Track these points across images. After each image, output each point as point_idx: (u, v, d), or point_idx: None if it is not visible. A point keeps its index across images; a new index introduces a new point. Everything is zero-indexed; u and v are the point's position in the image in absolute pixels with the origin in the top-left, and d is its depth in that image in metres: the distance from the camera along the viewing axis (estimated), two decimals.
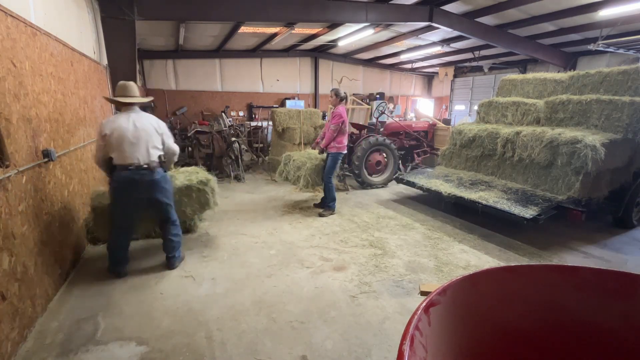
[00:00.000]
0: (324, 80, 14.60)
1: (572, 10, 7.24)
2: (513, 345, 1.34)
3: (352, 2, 7.06)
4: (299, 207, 5.45)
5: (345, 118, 4.78)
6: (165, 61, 11.94)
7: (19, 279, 2.31)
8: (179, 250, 3.42)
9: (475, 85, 14.91)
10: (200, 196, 3.79)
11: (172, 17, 6.50)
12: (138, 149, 2.94)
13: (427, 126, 8.25)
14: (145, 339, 2.38)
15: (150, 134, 3.00)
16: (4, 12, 2.38)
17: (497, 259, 3.67)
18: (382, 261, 3.57)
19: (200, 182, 3.78)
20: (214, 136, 6.96)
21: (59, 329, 2.49)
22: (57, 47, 3.42)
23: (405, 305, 2.80)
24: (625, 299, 1.31)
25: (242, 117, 13.28)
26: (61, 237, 3.12)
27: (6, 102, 2.32)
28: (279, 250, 3.85)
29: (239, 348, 2.31)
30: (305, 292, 3.00)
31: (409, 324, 0.98)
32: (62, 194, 3.23)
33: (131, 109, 3.04)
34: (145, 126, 2.98)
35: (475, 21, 8.34)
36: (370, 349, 2.30)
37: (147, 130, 2.98)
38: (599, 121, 4.33)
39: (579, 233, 4.42)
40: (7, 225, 2.21)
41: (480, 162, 5.36)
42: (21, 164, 2.46)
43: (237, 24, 8.69)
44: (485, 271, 1.35)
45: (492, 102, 5.69)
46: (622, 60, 9.74)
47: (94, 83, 4.68)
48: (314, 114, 8.25)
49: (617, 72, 4.58)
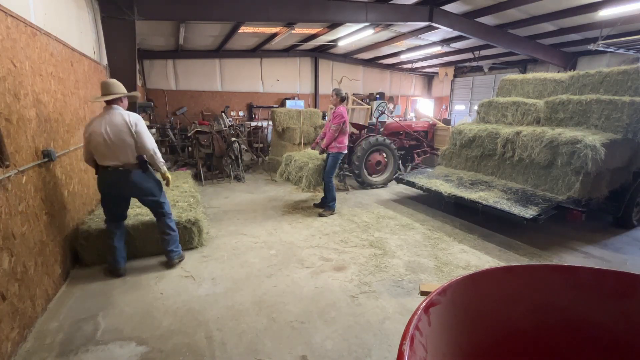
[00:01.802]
0: (324, 80, 14.60)
1: (572, 10, 7.24)
2: (513, 345, 1.34)
3: (352, 2, 7.06)
4: (299, 207, 5.45)
5: (346, 118, 4.79)
6: (165, 61, 11.94)
7: (19, 279, 2.31)
8: (175, 245, 3.42)
9: (475, 85, 14.92)
10: (186, 234, 3.73)
11: (172, 17, 6.50)
12: (112, 151, 2.92)
13: (427, 126, 8.25)
14: (145, 339, 2.38)
15: (123, 134, 2.92)
16: (4, 12, 2.38)
17: (497, 259, 3.67)
18: (382, 261, 3.57)
19: (188, 220, 3.71)
20: (214, 136, 6.95)
21: (59, 329, 2.49)
22: (57, 47, 3.42)
23: (405, 305, 2.79)
24: (625, 299, 1.31)
25: (242, 117, 13.28)
26: (61, 237, 3.12)
27: (6, 102, 2.32)
28: (279, 250, 3.85)
29: (239, 348, 2.31)
30: (305, 292, 3.00)
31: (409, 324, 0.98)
32: (62, 194, 3.23)
33: (111, 107, 2.98)
34: (117, 127, 2.90)
35: (475, 21, 8.35)
36: (370, 349, 2.30)
37: (120, 131, 2.91)
38: (599, 121, 4.33)
39: (579, 233, 4.42)
40: (7, 225, 2.22)
41: (480, 162, 5.36)
42: (21, 164, 2.47)
43: (237, 24, 8.69)
44: (485, 271, 1.35)
45: (492, 102, 5.69)
46: (622, 60, 9.74)
47: (94, 83, 4.68)
48: (314, 114, 8.25)
49: (617, 72, 4.58)
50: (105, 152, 2.93)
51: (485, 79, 14.32)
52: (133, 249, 3.50)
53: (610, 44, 8.41)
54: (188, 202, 4.17)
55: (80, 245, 3.33)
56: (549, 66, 10.98)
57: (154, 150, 3.06)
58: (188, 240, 3.77)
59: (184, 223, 3.69)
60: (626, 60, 9.68)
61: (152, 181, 3.20)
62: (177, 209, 3.95)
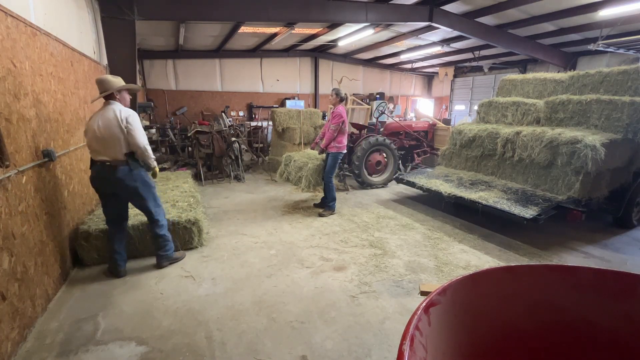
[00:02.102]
0: (324, 80, 14.60)
1: (572, 10, 7.24)
2: (513, 345, 1.34)
3: (352, 2, 7.06)
4: (299, 207, 5.45)
5: (345, 118, 4.79)
6: (165, 61, 11.94)
7: (19, 279, 2.31)
8: (165, 250, 3.37)
9: (475, 85, 14.92)
10: (186, 234, 3.74)
11: (172, 17, 6.50)
12: (102, 146, 2.93)
13: (427, 126, 8.25)
14: (145, 339, 2.38)
15: (113, 129, 2.90)
16: (4, 12, 2.38)
17: (497, 259, 3.67)
18: (382, 261, 3.57)
19: (188, 220, 3.71)
20: (214, 136, 6.96)
21: (59, 329, 2.49)
22: (57, 47, 3.42)
23: (405, 305, 2.79)
24: (625, 299, 1.31)
25: (242, 117, 13.29)
26: (61, 237, 3.12)
27: (6, 102, 2.32)
28: (279, 250, 3.85)
29: (239, 348, 2.31)
30: (305, 292, 3.00)
31: (409, 324, 0.98)
32: (62, 194, 3.23)
33: (108, 103, 2.98)
34: (108, 121, 2.90)
35: (475, 21, 8.35)
36: (370, 349, 2.30)
37: (110, 125, 2.89)
38: (599, 121, 4.33)
39: (579, 233, 4.42)
40: (7, 225, 2.22)
41: (480, 162, 5.36)
42: (21, 164, 2.46)
43: (237, 24, 8.69)
44: (485, 271, 1.35)
45: (492, 102, 5.69)
46: (622, 60, 9.74)
47: (94, 83, 4.65)
48: (314, 114, 8.25)
49: (617, 72, 4.58)
50: (96, 147, 2.95)
51: (485, 79, 14.32)
52: (133, 249, 3.51)
53: (610, 44, 8.41)
54: (188, 202, 4.17)
55: (80, 245, 3.34)
56: (549, 66, 10.99)
57: (145, 146, 3.00)
58: (188, 240, 3.77)
59: (184, 223, 3.68)
60: (626, 60, 9.68)
61: (139, 183, 3.08)
62: (177, 209, 3.95)
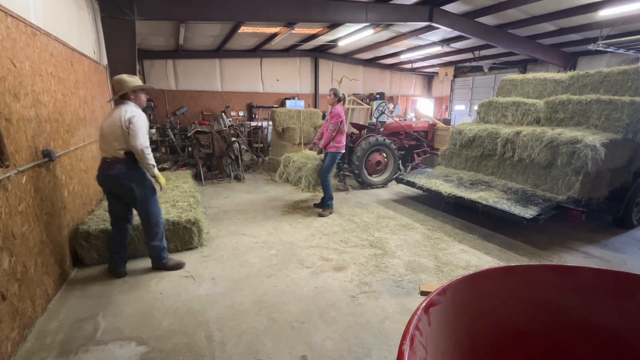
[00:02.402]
0: (324, 80, 14.60)
1: (572, 10, 7.24)
2: (513, 345, 1.34)
3: (352, 2, 7.06)
4: (299, 207, 5.45)
5: (343, 117, 4.79)
6: (165, 61, 11.94)
7: (19, 279, 2.31)
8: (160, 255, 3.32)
9: (475, 85, 14.92)
10: (186, 234, 3.73)
11: (172, 17, 6.50)
12: (104, 142, 2.99)
13: (427, 126, 8.25)
14: (145, 339, 2.38)
15: (114, 127, 2.91)
16: (4, 12, 2.38)
17: (497, 259, 3.67)
18: (382, 261, 3.57)
19: (188, 220, 3.71)
20: (214, 136, 6.96)
21: (59, 329, 2.49)
22: (57, 47, 3.42)
23: (405, 305, 2.79)
24: (625, 299, 1.31)
25: (242, 117, 13.28)
26: (61, 237, 3.12)
27: (6, 102, 2.32)
28: (279, 250, 3.85)
29: (239, 348, 2.31)
30: (305, 292, 3.00)
31: (409, 324, 0.98)
32: (62, 194, 3.23)
33: (122, 103, 3.01)
34: (113, 120, 2.93)
35: (475, 21, 8.35)
36: (370, 349, 2.30)
37: (113, 124, 2.92)
38: (599, 121, 4.33)
39: (579, 233, 4.42)
40: (7, 225, 2.22)
41: (480, 162, 5.36)
42: (21, 164, 2.46)
43: (237, 24, 8.69)
44: (485, 271, 1.35)
45: (492, 102, 5.69)
46: (622, 60, 9.74)
47: (94, 83, 4.68)
48: (314, 114, 8.25)
49: (617, 72, 4.58)
50: (100, 143, 3.04)
51: (485, 79, 14.31)
52: (133, 249, 3.51)
53: (610, 44, 8.41)
54: (188, 202, 4.17)
55: (80, 245, 3.34)
56: (549, 66, 10.98)
57: (143, 149, 2.93)
58: (188, 240, 3.77)
59: (184, 223, 3.68)
60: (626, 60, 9.68)
61: (135, 183, 3.04)
62: (177, 209, 3.95)
